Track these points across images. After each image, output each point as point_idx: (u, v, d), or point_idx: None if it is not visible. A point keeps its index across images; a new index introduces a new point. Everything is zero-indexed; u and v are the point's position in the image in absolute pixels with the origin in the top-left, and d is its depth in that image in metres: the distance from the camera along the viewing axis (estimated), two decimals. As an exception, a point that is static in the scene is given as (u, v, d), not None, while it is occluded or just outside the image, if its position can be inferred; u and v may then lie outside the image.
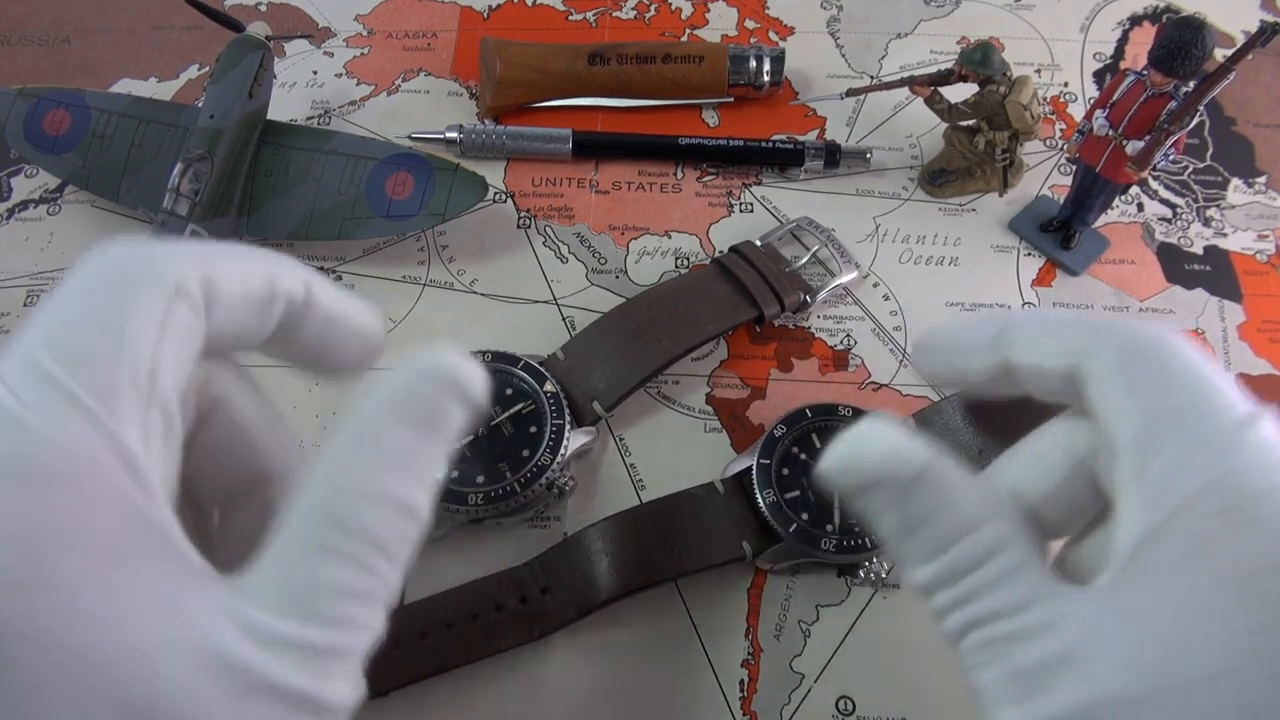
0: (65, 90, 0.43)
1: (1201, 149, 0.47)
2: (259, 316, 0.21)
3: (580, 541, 0.34)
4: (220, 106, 0.40)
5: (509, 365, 0.37)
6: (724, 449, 0.38)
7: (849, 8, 0.52)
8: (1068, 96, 0.49)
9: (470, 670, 0.33)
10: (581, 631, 0.34)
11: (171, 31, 0.52)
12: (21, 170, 0.47)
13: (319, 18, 0.52)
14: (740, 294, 0.39)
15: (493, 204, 0.45)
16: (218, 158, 0.40)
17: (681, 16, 0.52)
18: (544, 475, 0.34)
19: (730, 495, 0.35)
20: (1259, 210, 0.45)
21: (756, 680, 0.33)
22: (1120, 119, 0.36)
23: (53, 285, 0.42)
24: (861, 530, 0.34)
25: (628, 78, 0.47)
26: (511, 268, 0.43)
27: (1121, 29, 0.51)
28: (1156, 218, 0.44)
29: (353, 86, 0.49)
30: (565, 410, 0.36)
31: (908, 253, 0.43)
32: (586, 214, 0.45)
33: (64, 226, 0.45)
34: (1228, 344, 0.41)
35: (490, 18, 0.52)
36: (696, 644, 0.34)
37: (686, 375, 0.40)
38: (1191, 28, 0.33)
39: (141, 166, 0.42)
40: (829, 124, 0.48)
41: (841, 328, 0.41)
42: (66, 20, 0.53)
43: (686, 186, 0.46)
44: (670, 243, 0.44)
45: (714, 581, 0.35)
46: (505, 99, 0.47)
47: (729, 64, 0.47)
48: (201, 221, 0.39)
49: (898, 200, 0.45)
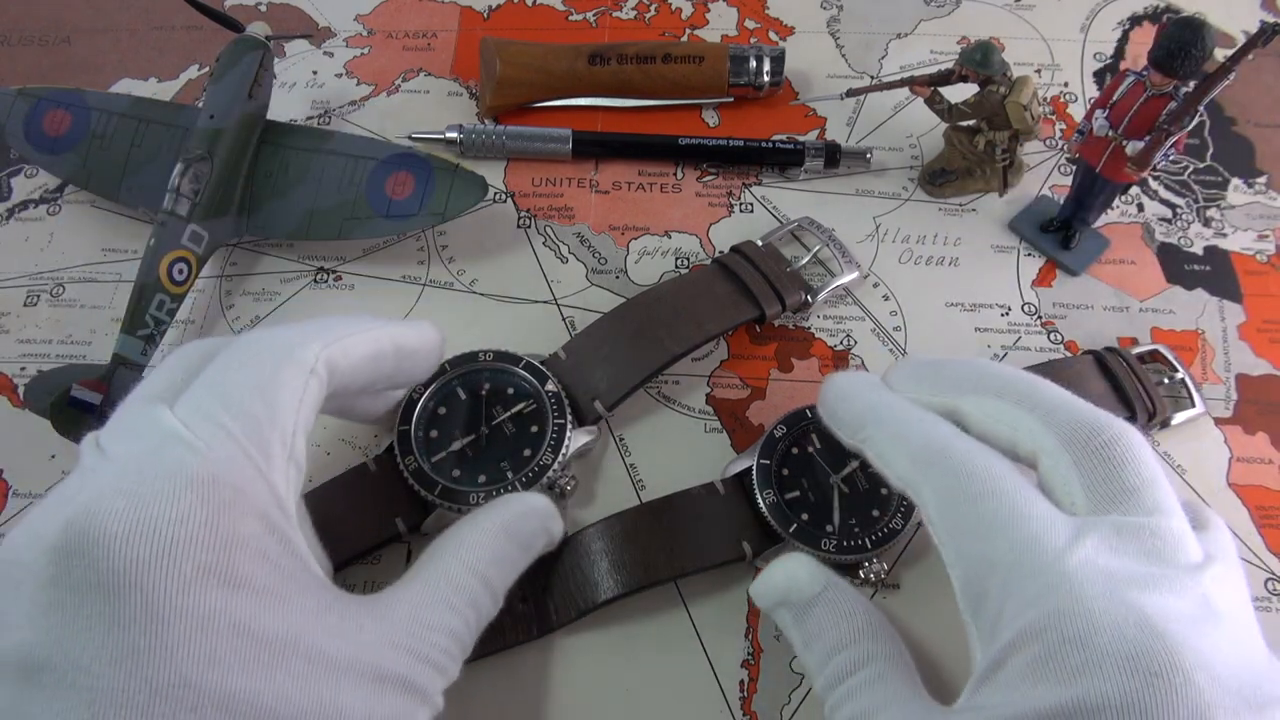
0: (65, 90, 0.43)
1: (1201, 149, 0.47)
2: (366, 376, 0.29)
3: (580, 541, 0.34)
4: (220, 106, 0.40)
5: (511, 365, 0.37)
6: (724, 449, 0.38)
7: (849, 8, 0.52)
8: (1068, 96, 0.49)
9: (470, 669, 0.33)
10: (581, 631, 0.34)
11: (171, 31, 0.52)
12: (21, 170, 0.47)
13: (319, 18, 0.52)
14: (742, 293, 0.39)
15: (493, 204, 0.45)
16: (218, 158, 0.40)
17: (681, 16, 0.52)
18: (545, 475, 0.34)
19: (730, 495, 0.35)
20: (1259, 210, 0.45)
21: (756, 680, 0.33)
22: (1120, 119, 0.36)
23: (54, 288, 0.42)
24: (861, 531, 0.34)
25: (628, 78, 0.47)
26: (511, 268, 0.43)
27: (1121, 29, 0.51)
28: (1156, 218, 0.44)
29: (353, 86, 0.49)
30: (567, 409, 0.36)
31: (908, 253, 0.43)
32: (586, 214, 0.45)
33: (64, 226, 0.45)
34: (1228, 344, 0.41)
35: (490, 18, 0.52)
36: (696, 644, 0.34)
37: (687, 375, 0.40)
38: (1191, 28, 0.33)
39: (142, 167, 0.42)
40: (829, 124, 0.48)
41: (841, 328, 0.41)
42: (66, 20, 0.53)
43: (686, 186, 0.46)
44: (670, 243, 0.44)
45: (714, 582, 0.35)
46: (505, 99, 0.47)
47: (729, 64, 0.47)
48: (202, 222, 0.39)
49: (898, 200, 0.45)
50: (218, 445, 0.23)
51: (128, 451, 0.23)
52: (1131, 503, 0.25)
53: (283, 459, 0.25)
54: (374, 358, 0.29)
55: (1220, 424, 0.39)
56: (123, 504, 0.21)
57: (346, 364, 0.28)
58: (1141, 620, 0.22)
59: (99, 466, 0.23)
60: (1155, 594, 0.23)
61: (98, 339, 0.41)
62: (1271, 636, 0.26)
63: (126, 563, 0.20)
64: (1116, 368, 0.37)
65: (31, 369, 0.41)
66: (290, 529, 0.24)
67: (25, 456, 0.38)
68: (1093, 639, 0.22)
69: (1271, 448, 0.38)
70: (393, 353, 0.30)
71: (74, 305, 0.42)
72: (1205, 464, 0.38)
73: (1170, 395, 0.39)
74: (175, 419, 0.24)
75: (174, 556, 0.21)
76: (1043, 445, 0.27)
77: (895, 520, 0.34)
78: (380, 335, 0.29)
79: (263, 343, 0.26)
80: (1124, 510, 0.25)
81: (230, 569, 0.22)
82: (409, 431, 0.35)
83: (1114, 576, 0.23)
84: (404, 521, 0.34)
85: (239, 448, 0.23)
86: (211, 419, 0.24)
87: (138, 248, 0.44)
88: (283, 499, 0.24)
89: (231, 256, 0.44)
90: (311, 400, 0.26)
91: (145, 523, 0.21)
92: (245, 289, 0.43)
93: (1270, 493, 0.37)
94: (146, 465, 0.22)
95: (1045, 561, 0.24)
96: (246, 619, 0.22)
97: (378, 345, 0.29)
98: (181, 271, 0.39)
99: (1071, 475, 0.26)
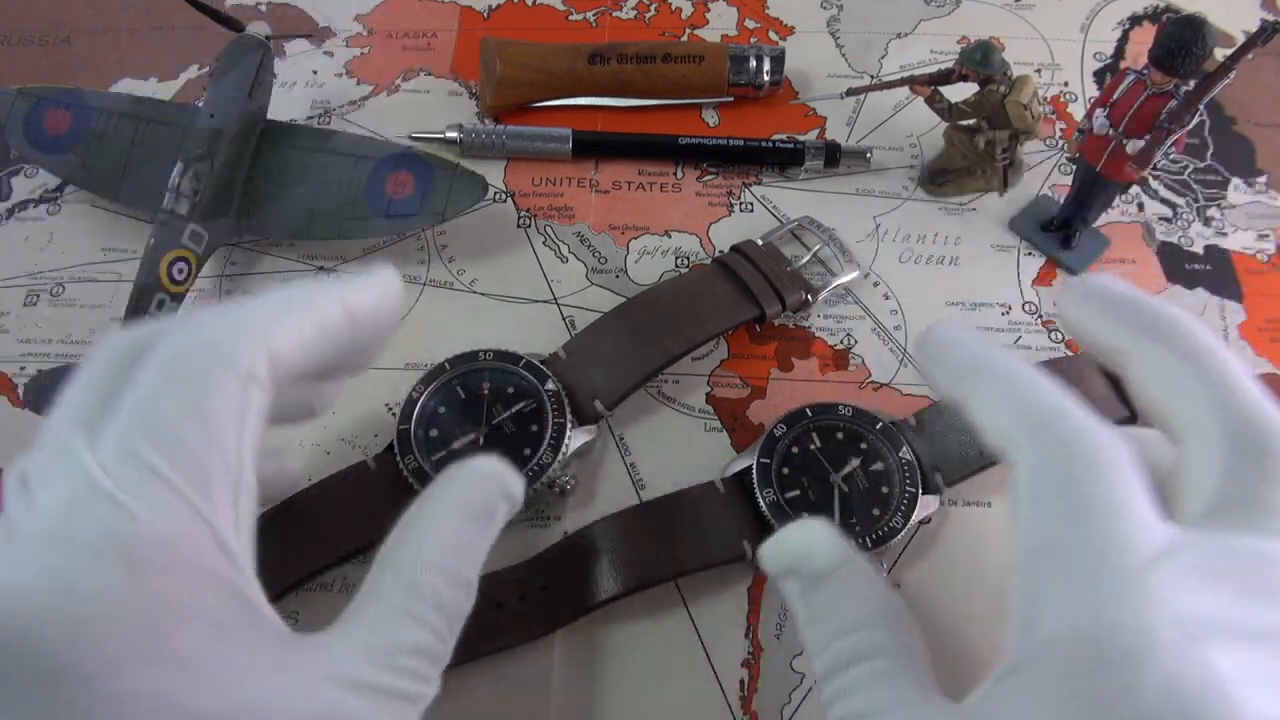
0: (65, 90, 0.43)
1: (1202, 148, 0.47)
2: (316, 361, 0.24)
3: (580, 540, 0.34)
4: (220, 106, 0.40)
5: (511, 364, 0.37)
6: (724, 448, 0.38)
7: (849, 7, 0.52)
8: (1068, 96, 0.49)
9: (470, 669, 0.33)
10: (581, 631, 0.34)
11: (171, 31, 0.52)
12: (21, 170, 0.47)
13: (319, 17, 0.52)
14: (742, 293, 0.39)
15: (493, 203, 0.45)
16: (218, 158, 0.40)
17: (681, 16, 0.52)
18: (545, 474, 0.34)
19: (730, 494, 0.35)
20: (1259, 210, 0.45)
21: (757, 679, 0.33)
22: (1120, 118, 0.36)
23: (54, 288, 0.42)
24: (861, 530, 0.34)
25: (628, 77, 0.47)
26: (511, 267, 0.43)
27: (1121, 28, 0.51)
28: (1157, 217, 0.44)
29: (353, 86, 0.49)
30: (566, 409, 0.36)
31: (908, 252, 0.43)
32: (586, 213, 0.45)
33: (64, 226, 0.45)
34: (1228, 344, 0.41)
35: (490, 17, 0.52)
36: (697, 643, 0.34)
37: (686, 374, 0.40)
38: (1192, 27, 0.33)
39: (141, 166, 0.42)
40: (829, 123, 0.48)
41: (841, 327, 0.41)
42: (66, 20, 0.53)
43: (686, 186, 0.46)
44: (670, 242, 0.44)
45: (714, 581, 0.35)
46: (505, 98, 0.47)
47: (729, 63, 0.47)
48: (201, 221, 0.39)
49: (898, 200, 0.45)
50: (146, 494, 0.20)
51: (51, 505, 0.21)
52: (1262, 521, 0.22)
53: (227, 490, 0.21)
54: (323, 336, 0.24)
55: (1221, 423, 0.39)
56: (44, 584, 0.19)
57: (291, 355, 0.23)
58: (1206, 665, 0.19)
59: (20, 525, 0.21)
60: (1237, 640, 0.20)
61: (98, 339, 0.41)
62: None
63: (47, 653, 0.19)
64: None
65: (31, 368, 0.41)
66: (236, 574, 0.21)
67: (25, 456, 0.38)
68: (1145, 671, 0.19)
69: (1272, 447, 0.38)
70: (345, 322, 0.25)
71: (74, 305, 0.42)
72: (1206, 463, 0.38)
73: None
74: (96, 465, 0.21)
75: (95, 638, 0.19)
76: (1203, 426, 0.23)
77: (895, 519, 0.34)
78: (326, 304, 0.24)
79: (190, 345, 0.22)
80: (1248, 527, 0.22)
81: (161, 643, 0.20)
82: (409, 430, 0.35)
83: (1196, 608, 0.20)
84: (404, 521, 0.34)
85: (172, 492, 0.20)
86: (138, 459, 0.21)
87: (137, 247, 0.44)
88: (226, 541, 0.21)
89: (231, 256, 0.44)
90: (255, 411, 0.22)
91: (66, 604, 0.19)
92: (245, 288, 0.43)
93: (1271, 492, 0.37)
94: (68, 529, 0.20)
95: (1124, 568, 0.21)
96: (181, 697, 0.20)
97: (325, 318, 0.24)
98: (181, 271, 0.39)
99: (1215, 469, 0.23)
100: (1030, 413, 0.24)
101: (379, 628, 0.23)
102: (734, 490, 0.35)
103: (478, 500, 0.26)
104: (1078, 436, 0.23)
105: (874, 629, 0.25)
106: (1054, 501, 0.22)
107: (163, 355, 0.22)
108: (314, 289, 0.25)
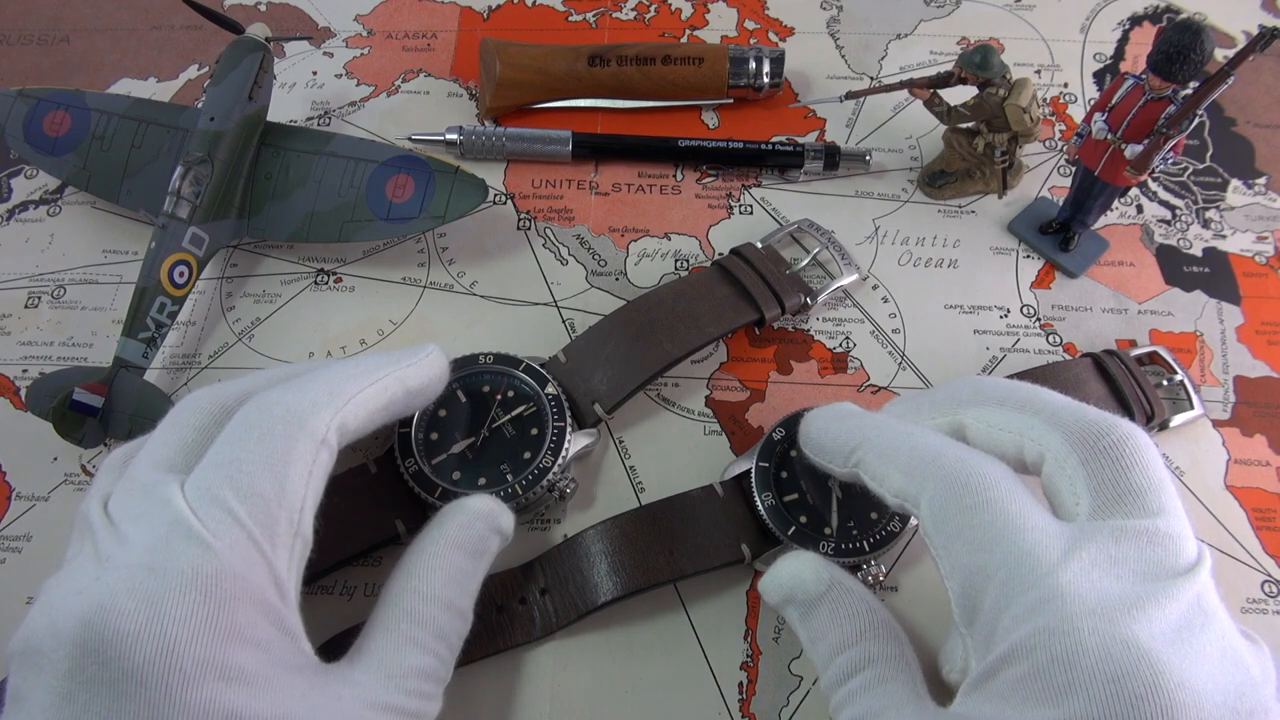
0: (65, 91, 0.43)
1: (1201, 150, 0.47)
2: (376, 425, 0.30)
3: (580, 543, 0.34)
4: (220, 109, 0.40)
5: (511, 367, 0.37)
6: (723, 451, 0.38)
7: (849, 8, 0.52)
8: (1068, 97, 0.49)
9: (470, 670, 0.33)
10: (581, 632, 0.34)
11: (171, 31, 0.52)
12: (21, 171, 0.47)
13: (319, 18, 0.52)
14: (741, 296, 0.39)
15: (493, 206, 0.45)
16: (218, 160, 0.40)
17: (681, 17, 0.52)
18: (545, 477, 0.35)
19: (729, 498, 0.35)
20: (1258, 212, 0.45)
21: (755, 682, 0.34)
22: (1119, 122, 0.36)
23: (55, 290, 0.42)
24: (860, 533, 0.34)
25: (627, 79, 0.47)
26: (511, 270, 0.43)
27: (1122, 29, 0.51)
28: (1156, 219, 0.45)
29: (353, 87, 0.49)
30: (566, 412, 0.36)
31: (907, 254, 0.43)
32: (586, 216, 0.45)
33: (64, 228, 0.45)
34: (1226, 346, 0.41)
35: (490, 18, 0.52)
36: (695, 646, 0.34)
37: (686, 378, 0.40)
38: (1190, 32, 0.33)
39: (142, 168, 0.42)
40: (829, 125, 0.48)
41: (840, 330, 0.41)
42: (66, 20, 0.53)
43: (686, 188, 0.46)
44: (670, 244, 0.44)
45: (713, 584, 0.35)
46: (505, 100, 0.47)
47: (729, 65, 0.47)
48: (202, 224, 0.39)
49: (897, 202, 0.45)
50: (225, 534, 0.24)
51: (139, 540, 0.24)
52: (1138, 505, 0.25)
53: (288, 536, 0.25)
54: (385, 408, 0.30)
55: (1218, 426, 0.39)
56: (134, 605, 0.23)
57: (357, 424, 0.28)
58: (1127, 641, 0.22)
59: (113, 555, 0.24)
60: (1145, 611, 0.23)
61: (99, 341, 0.41)
62: (1269, 638, 0.26)
63: (134, 663, 0.22)
64: (1115, 370, 0.37)
65: (33, 371, 0.41)
66: (286, 609, 0.25)
67: (27, 458, 0.38)
68: (1079, 659, 0.22)
69: (1269, 450, 0.38)
70: (402, 396, 0.30)
71: (75, 307, 0.42)
72: (1203, 466, 0.38)
73: (1169, 397, 0.39)
74: (185, 504, 0.24)
75: (177, 654, 0.22)
76: (1049, 447, 0.27)
77: (893, 523, 0.34)
78: (389, 383, 0.30)
79: (275, 411, 0.26)
80: (1129, 513, 0.25)
81: (227, 662, 0.23)
82: (409, 434, 0.35)
83: (1105, 594, 0.23)
84: (404, 523, 0.34)
85: (245, 534, 0.24)
86: (221, 504, 0.24)
87: (138, 249, 0.44)
88: (282, 580, 0.25)
89: (232, 258, 0.44)
90: (321, 471, 0.27)
91: (154, 624, 0.22)
92: (246, 291, 0.43)
93: (1268, 495, 0.37)
94: (158, 561, 0.23)
95: (1038, 576, 0.24)
96: (239, 708, 0.23)
97: (387, 395, 0.30)
98: (182, 274, 0.39)
99: (1079, 476, 0.26)
100: (911, 465, 0.27)
101: (388, 654, 0.27)
102: (733, 493, 0.35)
103: (472, 537, 0.31)
104: (959, 472, 0.26)
105: (866, 642, 0.28)
106: (960, 535, 0.26)
107: (249, 415, 0.27)
108: (379, 367, 0.30)
